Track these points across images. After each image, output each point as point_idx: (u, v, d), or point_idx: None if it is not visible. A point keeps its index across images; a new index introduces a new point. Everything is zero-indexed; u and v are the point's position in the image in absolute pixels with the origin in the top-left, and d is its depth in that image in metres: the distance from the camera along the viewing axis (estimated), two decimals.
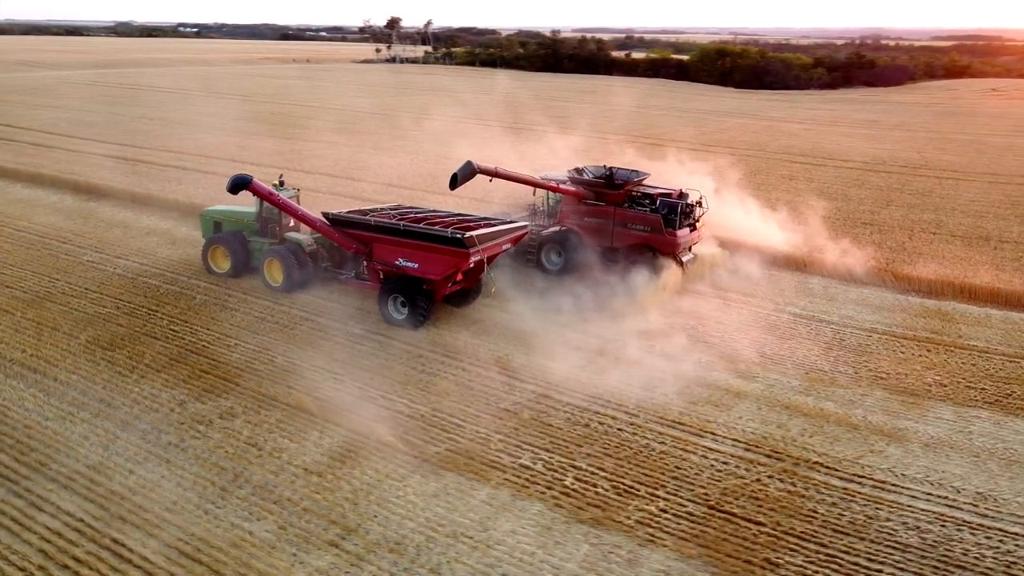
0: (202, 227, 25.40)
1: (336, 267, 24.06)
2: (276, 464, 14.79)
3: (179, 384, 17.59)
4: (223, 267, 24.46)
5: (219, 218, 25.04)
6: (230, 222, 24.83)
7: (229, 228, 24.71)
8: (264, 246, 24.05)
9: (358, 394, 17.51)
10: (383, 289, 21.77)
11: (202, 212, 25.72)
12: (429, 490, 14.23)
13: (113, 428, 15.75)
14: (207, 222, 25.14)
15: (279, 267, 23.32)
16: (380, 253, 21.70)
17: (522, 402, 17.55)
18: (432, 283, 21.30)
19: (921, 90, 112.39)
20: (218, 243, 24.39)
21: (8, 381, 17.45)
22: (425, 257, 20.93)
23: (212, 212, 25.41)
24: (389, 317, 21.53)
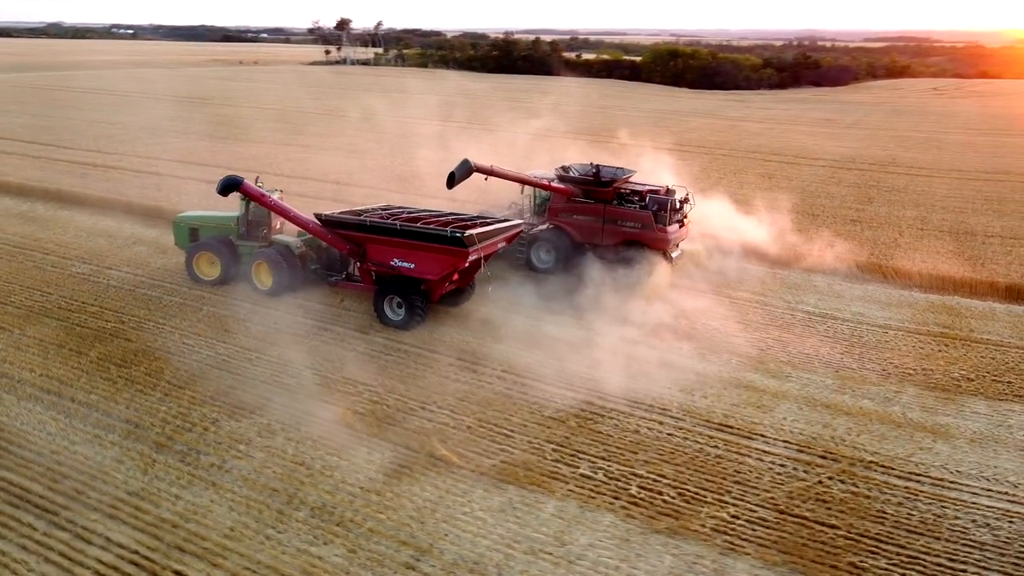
0: (176, 235, 24.39)
1: (325, 269, 23.65)
2: (330, 483, 14.12)
3: (207, 401, 16.73)
4: (210, 274, 23.52)
5: (195, 224, 24.08)
6: (208, 228, 23.91)
7: (207, 234, 23.81)
8: (251, 250, 23.29)
9: (397, 406, 16.91)
10: (378, 290, 21.41)
11: (175, 219, 24.62)
12: (495, 505, 13.74)
13: (147, 450, 14.87)
14: (181, 230, 24.16)
15: (268, 270, 22.74)
16: (374, 254, 21.31)
17: (565, 409, 17.15)
18: (429, 283, 21.01)
19: (866, 89, 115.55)
20: (205, 249, 23.48)
21: (22, 404, 16.37)
22: (422, 257, 20.66)
23: (187, 219, 24.39)
24: (385, 318, 21.25)
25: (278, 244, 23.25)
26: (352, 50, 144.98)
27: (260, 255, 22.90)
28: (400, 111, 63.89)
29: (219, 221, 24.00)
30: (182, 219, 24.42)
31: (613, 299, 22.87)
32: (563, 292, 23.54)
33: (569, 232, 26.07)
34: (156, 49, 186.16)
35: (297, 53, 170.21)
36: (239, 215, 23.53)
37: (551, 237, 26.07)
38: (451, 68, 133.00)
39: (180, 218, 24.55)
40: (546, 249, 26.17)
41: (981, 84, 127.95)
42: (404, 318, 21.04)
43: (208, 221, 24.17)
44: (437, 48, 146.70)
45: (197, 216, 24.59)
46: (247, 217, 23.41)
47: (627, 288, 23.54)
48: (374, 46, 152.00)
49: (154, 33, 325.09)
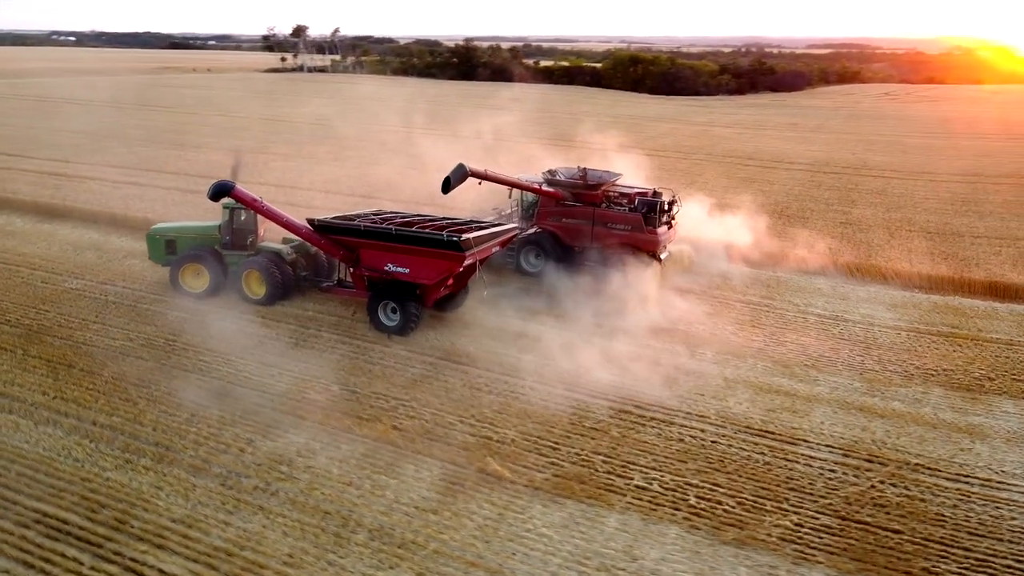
0: (150, 248, 23.44)
1: (314, 275, 23.33)
2: (383, 503, 13.61)
3: (237, 421, 16.05)
4: (197, 286, 22.71)
5: (172, 236, 23.20)
6: (187, 239, 23.07)
7: (186, 245, 22.99)
8: (238, 259, 22.65)
9: (436, 420, 16.44)
10: (372, 296, 21.10)
11: (149, 232, 23.59)
12: (556, 520, 13.39)
13: (184, 474, 14.18)
14: (157, 242, 23.21)
15: (260, 279, 22.26)
16: (368, 259, 21.01)
17: (604, 419, 16.87)
18: (424, 288, 20.77)
19: (822, 95, 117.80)
20: (191, 261, 22.66)
21: (41, 429, 15.50)
22: (417, 261, 20.44)
23: (162, 230, 23.46)
24: (379, 324, 20.97)
25: (268, 252, 22.67)
26: (309, 57, 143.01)
27: (251, 264, 22.28)
28: (369, 119, 63.14)
29: (198, 231, 23.21)
30: (157, 231, 23.42)
31: (618, 304, 22.80)
32: (565, 298, 23.32)
33: (559, 236, 26.07)
34: (103, 56, 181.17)
35: (251, 60, 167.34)
36: (221, 223, 22.85)
37: (541, 241, 26.06)
38: (410, 75, 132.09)
39: (155, 230, 23.54)
40: (536, 253, 26.17)
41: (929, 89, 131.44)
42: (399, 323, 20.73)
43: (186, 232, 23.29)
44: (396, 55, 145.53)
45: (174, 227, 23.66)
46: (232, 225, 22.75)
47: (627, 292, 23.39)
48: (331, 53, 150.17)
49: (97, 40, 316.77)
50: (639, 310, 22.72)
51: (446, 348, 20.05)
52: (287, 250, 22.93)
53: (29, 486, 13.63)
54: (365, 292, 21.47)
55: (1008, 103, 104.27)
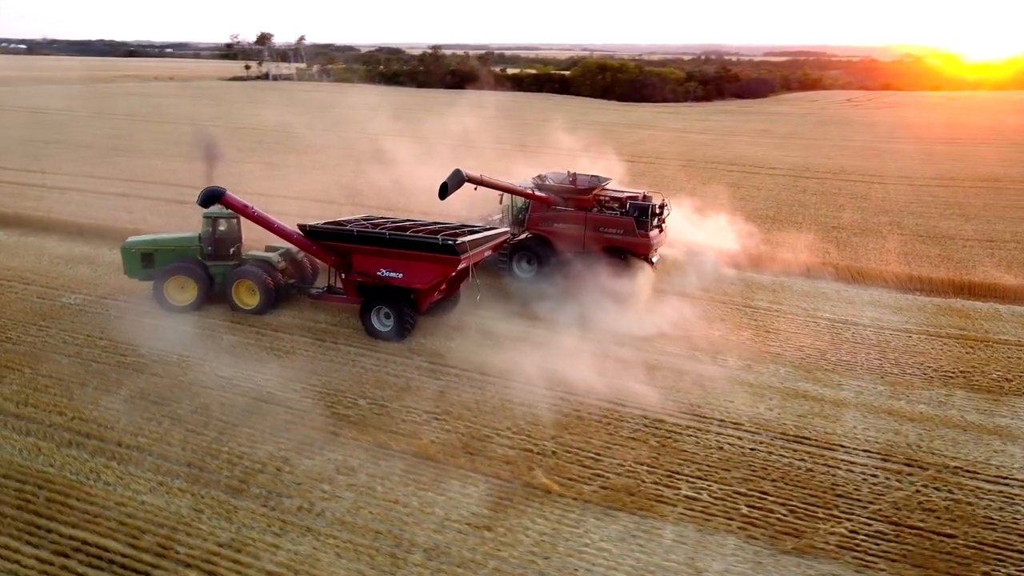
0: (125, 263, 22.42)
1: (301, 283, 23.11)
2: (434, 521, 13.23)
3: (267, 439, 15.54)
4: (183, 300, 22.02)
5: (149, 249, 22.30)
6: (166, 251, 22.28)
7: (165, 258, 22.16)
8: (224, 269, 22.19)
9: (472, 433, 16.11)
10: (366, 301, 20.93)
11: (124, 245, 22.57)
12: (612, 534, 13.14)
13: (223, 496, 13.66)
14: (133, 256, 22.24)
15: (251, 288, 21.89)
16: (360, 264, 20.92)
17: (640, 428, 16.68)
18: (417, 292, 20.70)
19: (787, 101, 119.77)
20: (177, 273, 21.93)
21: (65, 451, 14.84)
22: (411, 266, 20.40)
23: (138, 244, 22.52)
24: (372, 330, 20.85)
25: (257, 260, 22.30)
26: (275, 65, 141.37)
27: (241, 273, 21.82)
28: (344, 126, 62.45)
29: (177, 243, 22.52)
30: (133, 244, 22.45)
31: (622, 310, 22.86)
32: (568, 304, 23.18)
33: (551, 241, 26.02)
34: (58, 65, 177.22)
35: (214, 68, 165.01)
36: (202, 233, 22.32)
37: (533, 247, 26.04)
38: (378, 83, 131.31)
39: (130, 243, 22.54)
40: (528, 259, 26.14)
41: (888, 95, 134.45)
42: (393, 329, 20.60)
43: (164, 244, 22.52)
44: (363, 63, 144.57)
45: (150, 240, 22.83)
46: (215, 235, 22.24)
47: (627, 297, 23.48)
48: (296, 61, 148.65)
49: (49, 48, 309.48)
50: (648, 316, 22.69)
51: (470, 360, 19.67)
52: (276, 258, 22.53)
53: (62, 512, 13.01)
54: (357, 298, 21.31)
55: (966, 108, 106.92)
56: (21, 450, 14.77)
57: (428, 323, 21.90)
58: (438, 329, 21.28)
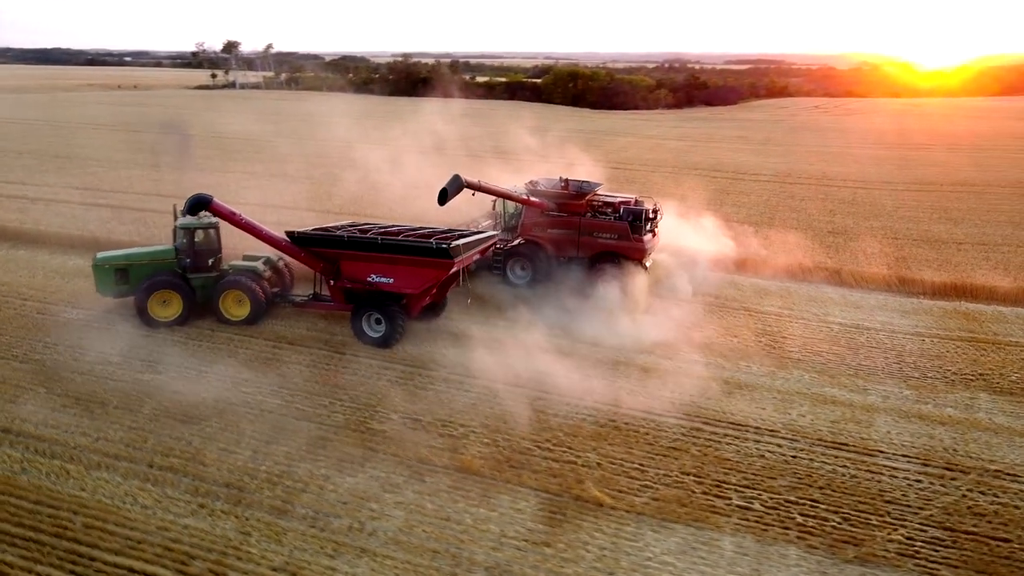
0: (98, 281, 21.40)
1: (283, 291, 22.77)
2: (490, 539, 12.90)
3: (304, 456, 15.08)
4: (167, 315, 21.27)
5: (123, 264, 21.40)
6: (141, 265, 21.44)
7: (141, 272, 21.29)
8: (206, 281, 21.66)
9: (511, 446, 15.81)
10: (356, 308, 20.82)
11: (95, 262, 21.47)
12: (672, 547, 12.93)
13: (268, 517, 13.19)
14: (106, 273, 21.27)
15: (239, 299, 21.46)
16: (349, 270, 20.83)
17: (678, 437, 16.52)
18: (408, 297, 20.67)
19: (757, 108, 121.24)
20: (160, 288, 21.10)
21: (95, 474, 14.22)
22: (402, 271, 20.36)
23: (110, 259, 21.55)
24: (363, 336, 20.71)
25: (242, 269, 21.87)
26: (242, 74, 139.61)
27: (229, 284, 21.36)
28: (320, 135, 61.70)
29: (153, 256, 21.76)
30: (106, 260, 21.50)
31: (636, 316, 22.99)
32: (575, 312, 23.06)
33: (544, 246, 26.01)
34: (16, 73, 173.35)
35: (179, 77, 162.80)
36: (178, 245, 21.64)
37: (527, 252, 25.98)
38: (347, 91, 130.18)
39: (102, 258, 21.55)
40: (522, 265, 26.11)
41: (853, 102, 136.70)
42: (384, 335, 20.48)
43: (138, 258, 21.66)
44: (333, 71, 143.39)
45: (123, 254, 21.90)
46: (193, 246, 21.60)
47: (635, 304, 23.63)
48: (264, 69, 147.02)
49: (3, 56, 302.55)
50: (662, 322, 22.62)
51: (495, 371, 19.28)
52: (260, 267, 22.09)
53: (103, 539, 12.43)
54: (345, 305, 21.21)
55: (929, 115, 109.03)
56: (48, 473, 14.13)
57: (447, 334, 21.55)
58: (460, 341, 20.91)
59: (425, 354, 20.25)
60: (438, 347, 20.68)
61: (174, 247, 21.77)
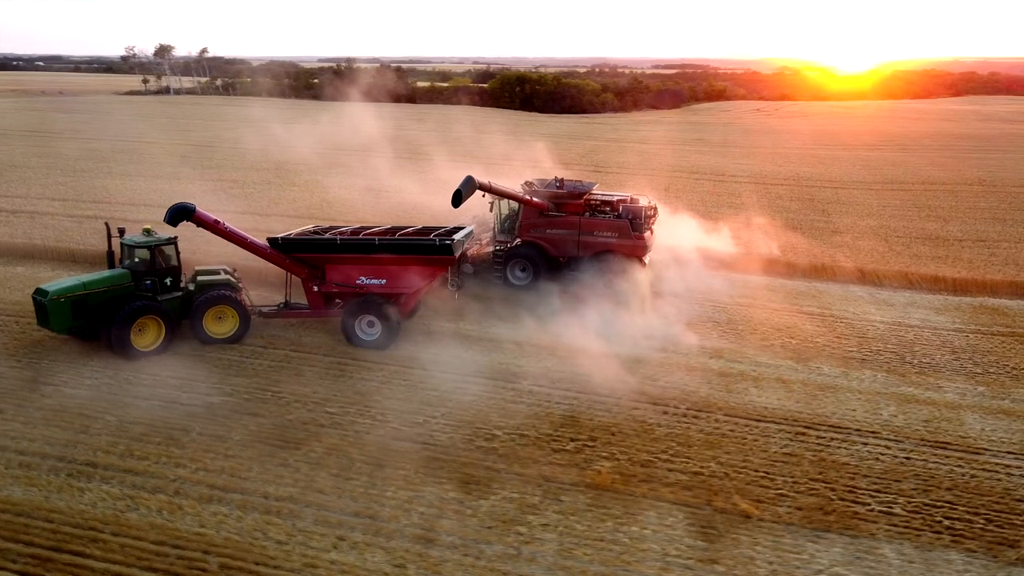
0: (52, 317, 18.62)
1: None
2: (654, 559, 12.35)
3: (424, 479, 14.23)
4: (149, 343, 19.25)
5: (78, 294, 18.82)
6: (99, 293, 19.06)
7: (100, 300, 19.03)
8: (174, 300, 19.92)
9: (630, 458, 15.28)
10: (347, 311, 20.38)
11: (46, 297, 18.61)
12: (838, 558, 12.61)
13: (417, 547, 12.34)
14: (61, 307, 18.62)
15: (221, 314, 20.24)
16: (335, 274, 20.52)
17: (788, 443, 16.26)
18: (399, 298, 20.51)
19: (701, 111, 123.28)
20: (145, 314, 19.02)
21: (210, 507, 13.07)
22: (395, 271, 20.34)
23: (62, 290, 18.81)
24: (357, 340, 20.33)
25: (216, 284, 20.52)
26: (177, 79, 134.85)
27: (212, 300, 20.01)
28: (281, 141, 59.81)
29: (109, 281, 19.39)
30: (58, 292, 18.69)
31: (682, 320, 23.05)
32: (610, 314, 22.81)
33: (543, 247, 25.94)
34: None
35: (105, 82, 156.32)
36: (130, 265, 19.73)
37: (526, 253, 25.88)
38: (288, 97, 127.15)
39: (53, 292, 18.67)
40: (521, 266, 26.03)
41: (789, 105, 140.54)
42: (380, 337, 20.20)
43: (94, 285, 19.16)
44: (271, 76, 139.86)
45: (74, 284, 19.10)
46: (154, 265, 19.69)
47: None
48: (199, 75, 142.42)
49: None
50: (711, 326, 22.70)
51: (572, 381, 18.73)
52: (232, 279, 20.99)
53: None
54: (324, 311, 20.94)
55: (864, 117, 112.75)
56: (160, 510, 12.94)
57: (511, 343, 20.89)
58: (535, 352, 20.30)
59: (498, 365, 19.54)
60: (509, 357, 20.01)
61: (125, 269, 19.70)
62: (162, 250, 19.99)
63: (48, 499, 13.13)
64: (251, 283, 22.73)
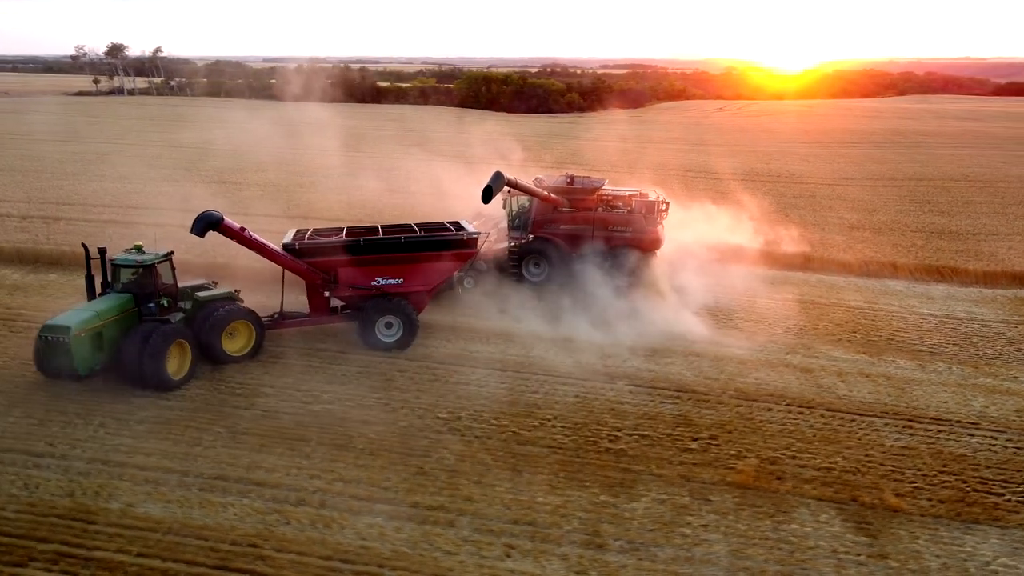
0: (79, 358, 16.27)
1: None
2: (826, 556, 12.37)
3: (567, 483, 13.99)
4: (180, 369, 17.52)
5: (97, 327, 16.72)
6: (112, 324, 17.02)
7: (113, 331, 17.00)
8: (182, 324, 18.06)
9: (758, 455, 15.23)
10: (364, 315, 19.79)
11: (70, 335, 16.12)
12: (997, 548, 12.80)
13: (590, 553, 12.14)
14: (84, 345, 16.39)
15: (234, 330, 18.76)
16: (350, 277, 19.88)
17: (901, 437, 16.41)
18: (413, 296, 20.17)
19: (667, 110, 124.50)
20: (177, 337, 17.37)
21: (362, 519, 12.61)
22: (413, 269, 20.11)
23: (82, 324, 16.45)
24: (375, 343, 19.72)
25: (222, 299, 18.99)
26: (130, 79, 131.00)
27: (230, 316, 18.54)
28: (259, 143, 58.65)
29: (117, 309, 17.24)
30: (79, 327, 16.32)
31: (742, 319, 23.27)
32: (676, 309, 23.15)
33: (557, 243, 25.90)
34: None
35: (51, 83, 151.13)
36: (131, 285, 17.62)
37: (541, 249, 25.86)
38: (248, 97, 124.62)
39: (76, 327, 16.26)
40: (535, 262, 26.04)
41: (750, 104, 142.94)
42: (401, 338, 19.89)
43: (105, 315, 17.00)
44: (232, 78, 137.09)
45: (89, 316, 16.74)
46: (157, 286, 17.73)
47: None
48: (152, 75, 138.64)
49: None
50: (773, 323, 22.86)
51: (669, 378, 18.67)
52: (232, 291, 19.59)
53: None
54: (326, 318, 20.39)
55: (827, 115, 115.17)
56: (312, 523, 12.46)
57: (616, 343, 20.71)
58: (617, 352, 20.17)
59: (587, 365, 19.32)
60: (593, 357, 19.81)
61: (126, 292, 17.59)
62: (159, 268, 17.87)
63: (190, 515, 12.54)
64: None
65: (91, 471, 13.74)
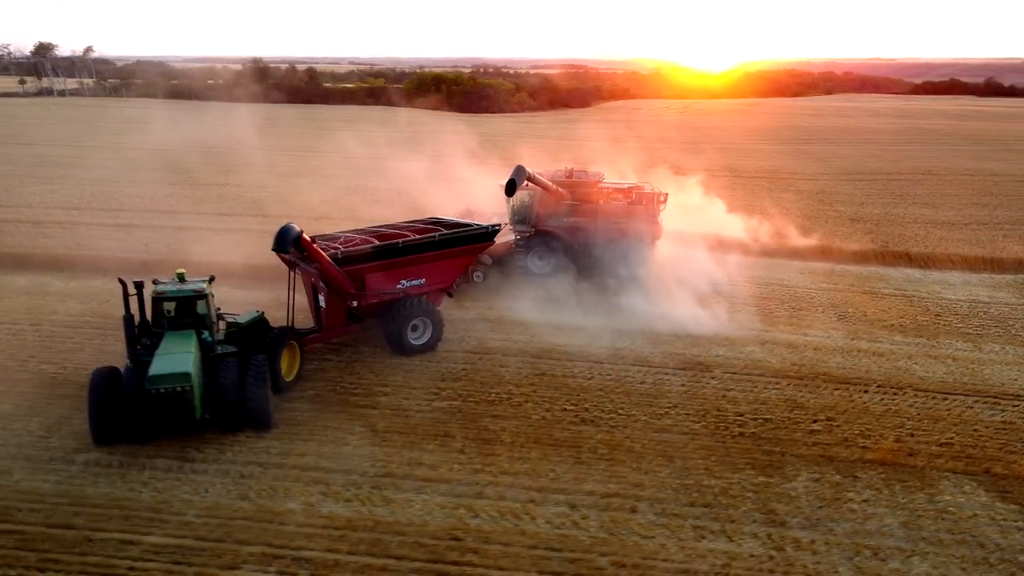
0: (197, 403, 14.32)
1: None
2: (991, 525, 13.11)
3: (723, 469, 14.43)
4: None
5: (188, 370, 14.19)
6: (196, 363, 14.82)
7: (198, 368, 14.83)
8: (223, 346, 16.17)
9: (882, 434, 15.96)
10: (392, 322, 18.82)
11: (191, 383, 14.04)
12: None
13: (775, 530, 12.56)
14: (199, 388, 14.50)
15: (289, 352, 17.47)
16: (377, 283, 18.97)
17: (997, 414, 17.36)
18: (430, 293, 19.96)
19: (615, 109, 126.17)
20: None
21: (548, 508, 12.78)
22: (435, 267, 19.99)
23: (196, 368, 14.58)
24: (408, 347, 18.97)
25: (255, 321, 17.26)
26: (61, 80, 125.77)
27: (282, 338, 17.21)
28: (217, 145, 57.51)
29: (194, 344, 15.25)
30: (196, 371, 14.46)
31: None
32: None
33: (560, 236, 26.33)
34: None
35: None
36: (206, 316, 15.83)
37: (545, 242, 26.28)
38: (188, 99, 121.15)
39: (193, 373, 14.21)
40: (540, 255, 26.42)
41: (694, 103, 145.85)
42: (430, 339, 19.42)
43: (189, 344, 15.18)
44: (169, 78, 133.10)
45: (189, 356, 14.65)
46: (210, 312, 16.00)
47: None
48: (83, 75, 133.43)
49: None
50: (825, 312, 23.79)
51: (761, 367, 19.31)
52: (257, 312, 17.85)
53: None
54: (342, 330, 19.28)
55: (768, 114, 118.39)
56: (501, 515, 12.58)
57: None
58: (698, 342, 20.74)
59: (681, 354, 19.81)
60: (684, 347, 20.30)
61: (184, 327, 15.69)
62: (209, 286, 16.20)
63: (376, 513, 12.53)
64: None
65: (252, 473, 13.53)
